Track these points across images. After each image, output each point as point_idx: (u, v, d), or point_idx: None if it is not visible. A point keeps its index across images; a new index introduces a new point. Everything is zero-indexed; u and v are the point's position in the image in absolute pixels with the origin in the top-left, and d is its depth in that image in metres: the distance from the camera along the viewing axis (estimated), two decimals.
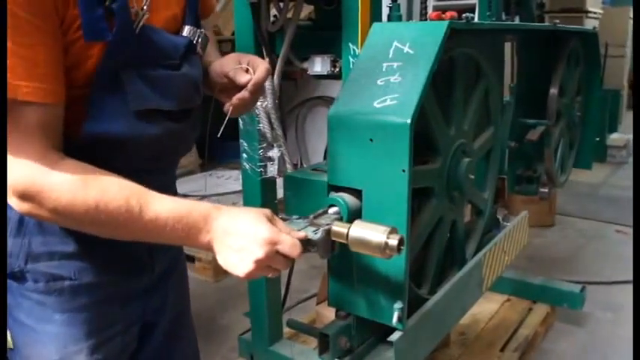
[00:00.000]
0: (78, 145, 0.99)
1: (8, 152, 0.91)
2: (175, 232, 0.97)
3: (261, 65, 1.23)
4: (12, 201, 0.94)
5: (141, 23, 1.00)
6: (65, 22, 0.93)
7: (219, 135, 1.24)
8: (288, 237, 1.01)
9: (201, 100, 1.21)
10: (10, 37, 0.86)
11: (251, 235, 0.98)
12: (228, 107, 1.23)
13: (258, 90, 1.23)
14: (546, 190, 2.45)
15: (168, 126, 1.10)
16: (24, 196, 0.93)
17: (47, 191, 0.92)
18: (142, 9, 1.00)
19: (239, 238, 0.98)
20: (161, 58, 1.07)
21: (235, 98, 1.21)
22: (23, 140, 0.91)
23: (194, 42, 1.15)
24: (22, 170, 0.91)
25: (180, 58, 1.11)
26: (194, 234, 0.99)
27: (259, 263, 0.98)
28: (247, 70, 1.22)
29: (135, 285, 1.20)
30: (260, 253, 0.97)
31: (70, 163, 0.95)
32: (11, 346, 1.14)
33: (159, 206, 0.97)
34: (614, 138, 6.20)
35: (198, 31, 1.16)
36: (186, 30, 1.14)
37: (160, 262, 1.25)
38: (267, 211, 1.04)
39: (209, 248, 1.01)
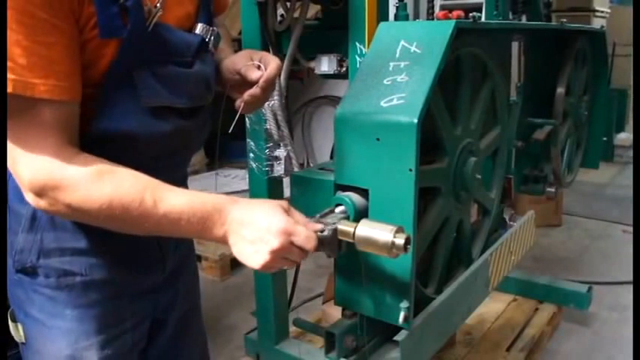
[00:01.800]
0: (88, 142, 0.99)
1: (24, 149, 0.91)
2: (190, 225, 0.97)
3: (273, 62, 1.23)
4: (29, 197, 0.95)
5: (154, 21, 1.00)
6: (80, 21, 0.93)
7: (229, 131, 1.23)
8: (304, 228, 1.00)
9: (212, 97, 1.21)
10: (29, 36, 0.87)
11: (266, 225, 0.97)
12: (239, 104, 1.23)
13: (269, 86, 1.23)
14: (553, 190, 2.45)
15: (178, 123, 1.10)
16: (40, 192, 0.93)
17: (63, 186, 0.92)
18: (155, 6, 1.00)
19: (254, 229, 0.98)
20: (173, 55, 1.07)
21: (246, 94, 1.21)
22: (39, 137, 0.92)
23: (207, 40, 1.16)
24: (39, 166, 0.92)
25: (193, 55, 1.12)
26: (209, 227, 0.99)
27: (275, 254, 0.97)
28: (259, 67, 1.22)
29: (146, 282, 1.21)
30: (275, 243, 0.97)
31: (85, 157, 0.96)
32: (23, 341, 1.15)
33: (173, 200, 0.97)
34: (622, 137, 6.17)
35: (211, 29, 1.16)
36: (199, 28, 1.15)
37: (171, 259, 1.25)
38: (284, 203, 1.03)
39: (224, 241, 1.00)
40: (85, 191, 0.93)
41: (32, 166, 0.92)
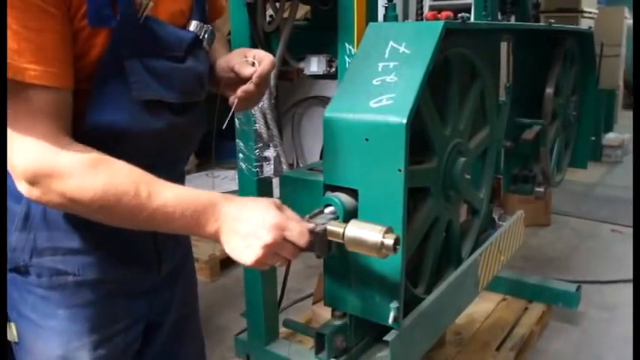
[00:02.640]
0: (80, 139, 0.98)
1: (17, 136, 0.90)
2: (184, 219, 0.96)
3: (266, 58, 1.22)
4: (22, 186, 0.94)
5: (145, 13, 1.00)
6: (71, 10, 0.93)
7: (223, 127, 1.23)
8: (296, 224, 1.00)
9: (205, 94, 1.20)
10: (21, 21, 0.86)
11: (259, 220, 0.97)
12: (233, 100, 1.22)
13: (263, 82, 1.22)
14: (542, 190, 2.46)
15: (170, 119, 1.10)
16: (33, 180, 0.92)
17: (57, 174, 0.91)
18: None
19: (247, 224, 0.98)
20: (165, 50, 1.07)
21: (240, 90, 1.20)
22: (31, 124, 0.91)
23: (200, 37, 1.16)
24: (31, 153, 0.91)
25: (185, 51, 1.12)
26: (202, 223, 0.98)
27: (267, 249, 0.97)
28: (253, 64, 1.21)
29: (140, 283, 1.20)
30: (268, 238, 0.96)
31: (79, 146, 0.95)
32: (16, 340, 1.14)
33: (168, 193, 0.96)
34: (610, 137, 6.24)
35: (205, 26, 1.17)
36: (193, 25, 1.15)
37: (167, 262, 1.25)
38: (277, 201, 1.04)
39: (217, 238, 1.00)
40: (79, 180, 0.92)
41: (25, 153, 0.91)
